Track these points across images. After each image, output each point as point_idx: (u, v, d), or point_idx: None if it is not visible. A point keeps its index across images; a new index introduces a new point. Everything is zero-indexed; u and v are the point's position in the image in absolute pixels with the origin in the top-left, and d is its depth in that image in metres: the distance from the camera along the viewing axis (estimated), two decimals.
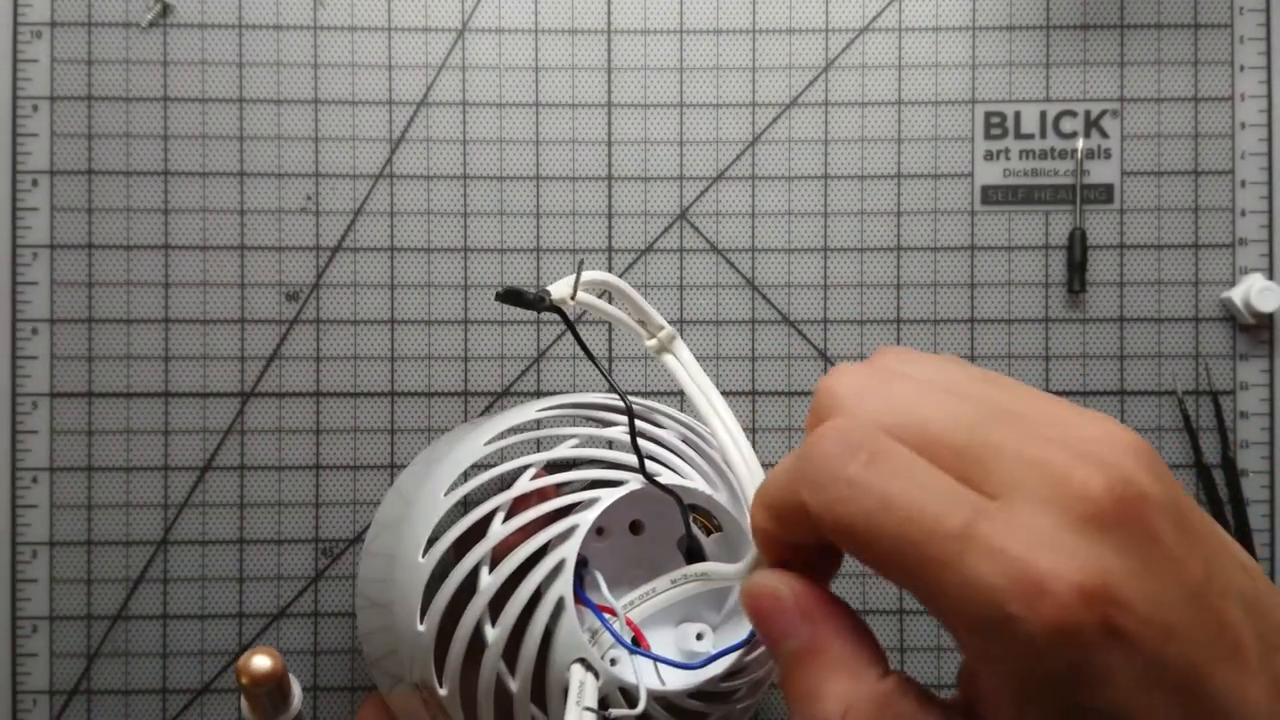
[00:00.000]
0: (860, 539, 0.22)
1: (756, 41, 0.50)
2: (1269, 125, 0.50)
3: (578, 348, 0.50)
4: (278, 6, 0.50)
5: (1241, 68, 0.50)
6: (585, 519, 0.35)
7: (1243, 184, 0.50)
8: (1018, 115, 0.50)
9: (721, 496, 0.37)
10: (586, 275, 0.32)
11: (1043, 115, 0.50)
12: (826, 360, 0.50)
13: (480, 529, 0.36)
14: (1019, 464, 0.22)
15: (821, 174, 0.50)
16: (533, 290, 0.30)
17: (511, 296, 0.30)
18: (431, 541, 0.37)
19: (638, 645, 0.35)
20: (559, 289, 0.31)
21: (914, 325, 0.50)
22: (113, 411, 0.49)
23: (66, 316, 0.49)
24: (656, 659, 0.35)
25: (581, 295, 0.32)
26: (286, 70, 0.50)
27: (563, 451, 0.38)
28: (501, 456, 0.41)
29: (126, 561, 0.49)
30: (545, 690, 0.35)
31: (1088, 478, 0.21)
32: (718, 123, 0.50)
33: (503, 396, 0.50)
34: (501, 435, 0.39)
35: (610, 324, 0.50)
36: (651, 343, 0.34)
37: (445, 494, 0.38)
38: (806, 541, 0.25)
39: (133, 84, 0.49)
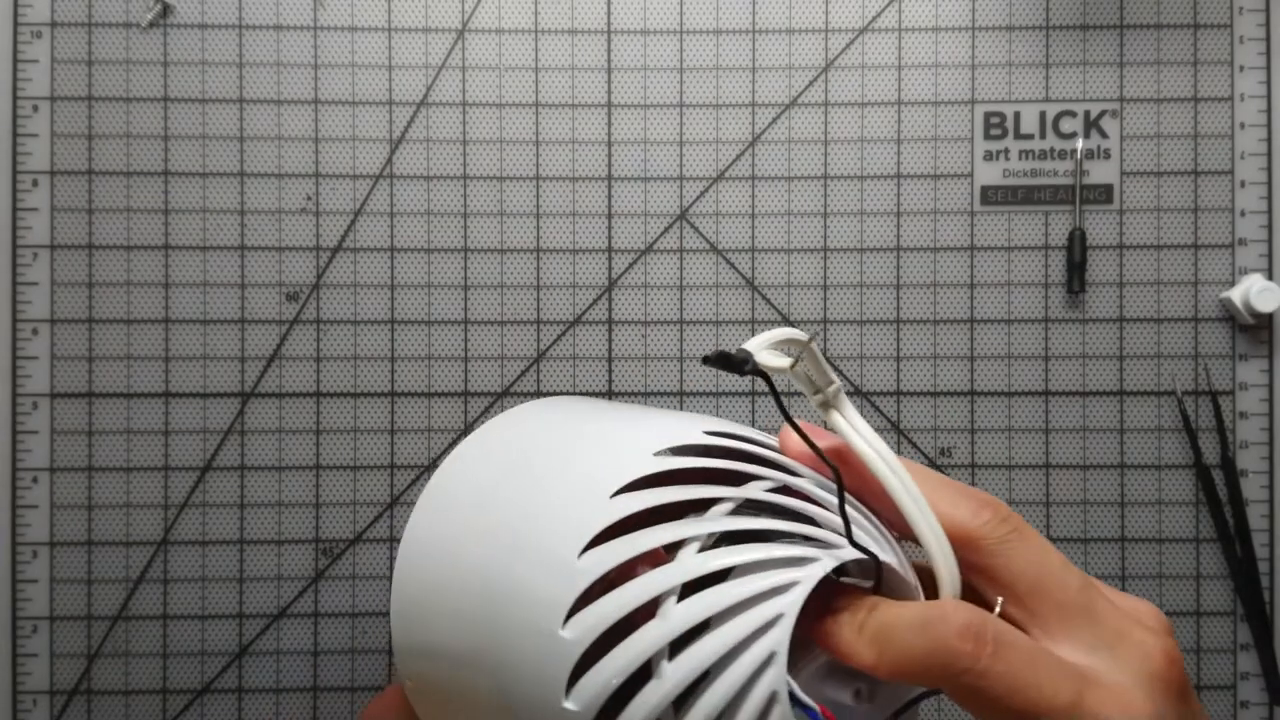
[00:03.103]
0: (986, 713, 0.27)
1: (756, 42, 0.50)
2: (1269, 125, 0.50)
3: (576, 348, 0.50)
4: (278, 7, 0.50)
5: (1241, 68, 0.50)
6: (793, 601, 0.28)
7: (1242, 184, 0.50)
8: (1017, 115, 0.50)
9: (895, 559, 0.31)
10: (777, 334, 0.30)
11: (1042, 115, 0.50)
12: (827, 360, 0.50)
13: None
14: (1110, 633, 0.28)
15: (821, 174, 0.50)
16: (736, 353, 0.30)
17: (720, 361, 0.29)
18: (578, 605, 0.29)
19: None
20: (763, 355, 0.30)
21: (914, 325, 0.50)
22: (113, 412, 0.49)
23: (67, 317, 0.49)
24: None
25: (770, 356, 0.30)
26: (286, 70, 0.50)
27: (757, 492, 0.30)
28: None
29: (127, 562, 0.49)
30: None
31: (1156, 651, 0.28)
32: (718, 123, 0.50)
33: (503, 397, 0.50)
34: (669, 451, 0.31)
35: (610, 325, 0.50)
36: (817, 398, 0.31)
37: (579, 557, 0.29)
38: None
39: (133, 84, 0.49)
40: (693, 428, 0.32)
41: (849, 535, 0.29)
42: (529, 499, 0.32)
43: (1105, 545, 0.50)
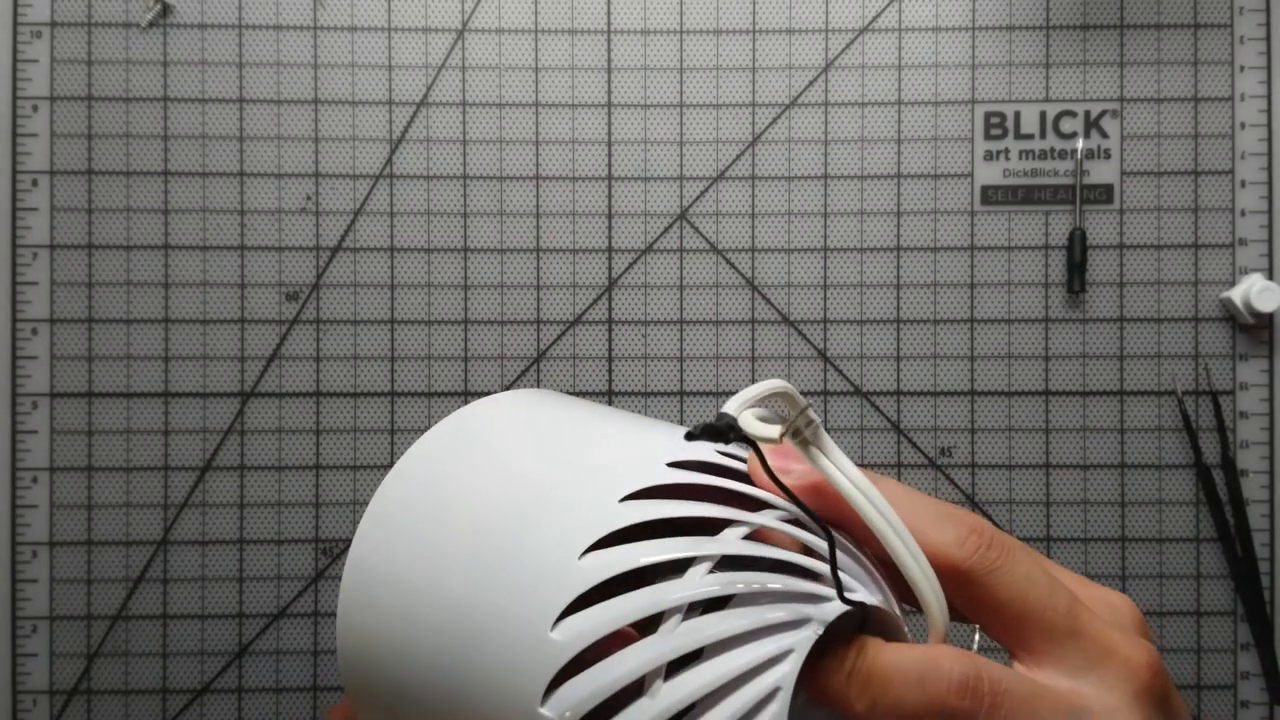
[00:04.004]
0: None
1: (756, 42, 0.50)
2: (1269, 125, 0.50)
3: (577, 348, 0.50)
4: (278, 7, 0.50)
5: (1241, 68, 0.50)
6: (788, 673, 0.27)
7: (1242, 184, 0.50)
8: (1017, 115, 0.50)
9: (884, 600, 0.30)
10: (758, 390, 0.28)
11: (1042, 115, 0.50)
12: (827, 360, 0.50)
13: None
14: (1097, 652, 0.28)
15: (821, 174, 0.50)
16: (718, 421, 0.27)
17: (705, 434, 0.27)
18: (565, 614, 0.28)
19: None
20: (748, 420, 0.27)
21: (914, 325, 0.50)
22: (113, 411, 0.49)
23: (66, 317, 0.49)
24: None
25: (755, 423, 0.27)
26: (286, 70, 0.50)
27: (736, 545, 0.28)
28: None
29: (126, 561, 0.49)
30: None
31: (1140, 666, 0.28)
32: (718, 123, 0.50)
33: None
34: (637, 495, 0.29)
35: (610, 325, 0.50)
36: (795, 437, 0.29)
37: (580, 558, 0.28)
38: None
39: (133, 84, 0.49)
40: (656, 458, 0.29)
41: (840, 593, 0.27)
42: (532, 492, 0.30)
43: (1105, 545, 0.50)
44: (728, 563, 0.28)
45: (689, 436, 0.27)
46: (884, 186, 0.50)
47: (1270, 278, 0.50)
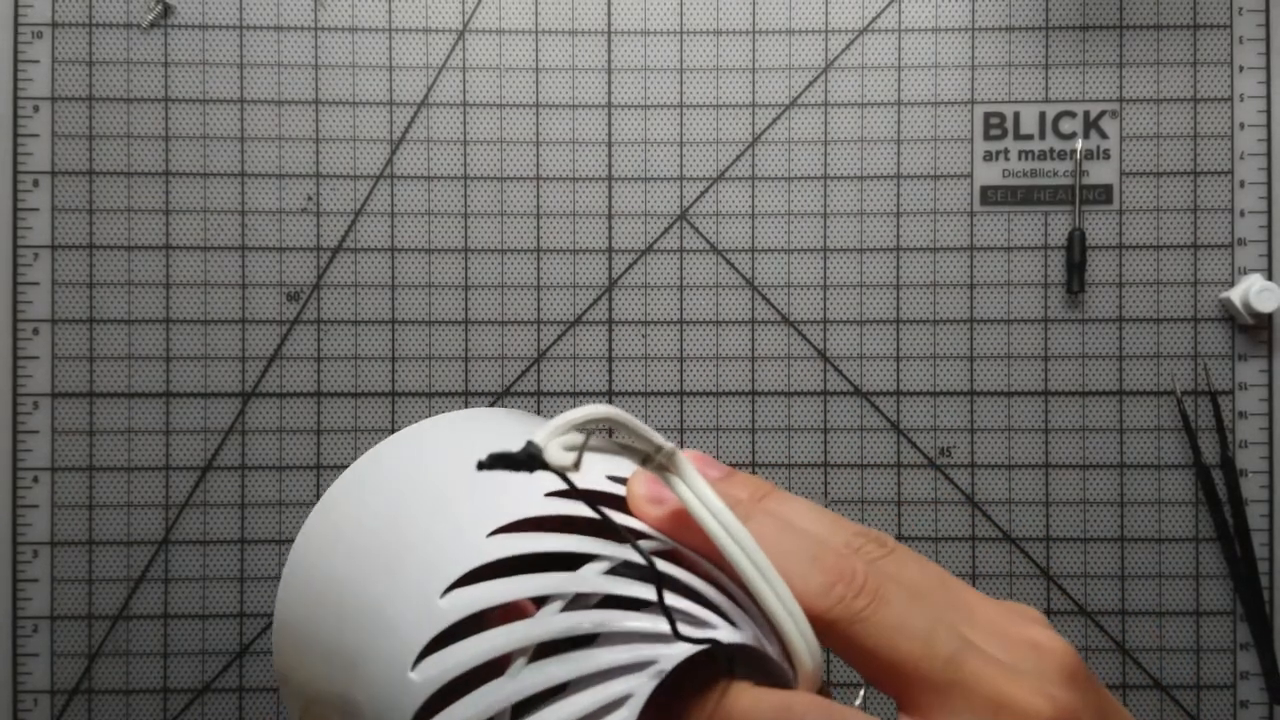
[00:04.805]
0: None
1: (756, 42, 0.50)
2: (1268, 125, 0.50)
3: (577, 348, 0.50)
4: (278, 7, 0.50)
5: (1241, 68, 0.50)
6: (628, 712, 0.26)
7: (1242, 184, 0.50)
8: (1017, 116, 0.50)
9: (751, 636, 0.29)
10: (575, 416, 0.26)
11: (1042, 116, 0.50)
12: (826, 360, 0.50)
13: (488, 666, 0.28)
14: (986, 706, 0.26)
15: (821, 174, 0.50)
16: (520, 451, 0.25)
17: (501, 463, 0.25)
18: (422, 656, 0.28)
19: None
20: (553, 449, 0.25)
21: (913, 325, 0.50)
22: (114, 411, 0.49)
23: (67, 317, 0.49)
24: None
25: (568, 452, 0.25)
26: (287, 71, 0.50)
27: (594, 582, 0.28)
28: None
29: (127, 561, 0.49)
30: None
31: (1039, 714, 0.25)
32: (718, 123, 0.50)
33: (503, 396, 0.50)
34: (508, 529, 0.29)
35: (610, 325, 0.50)
36: (649, 466, 0.28)
37: (442, 597, 0.28)
38: None
39: (134, 85, 0.49)
40: (536, 488, 0.29)
41: (674, 631, 0.26)
42: (407, 528, 0.30)
43: (1105, 545, 0.50)
44: (592, 598, 0.28)
45: (480, 466, 0.25)
46: (884, 187, 0.50)
47: (1269, 278, 0.50)
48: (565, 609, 0.27)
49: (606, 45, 0.50)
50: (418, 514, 0.31)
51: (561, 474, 0.25)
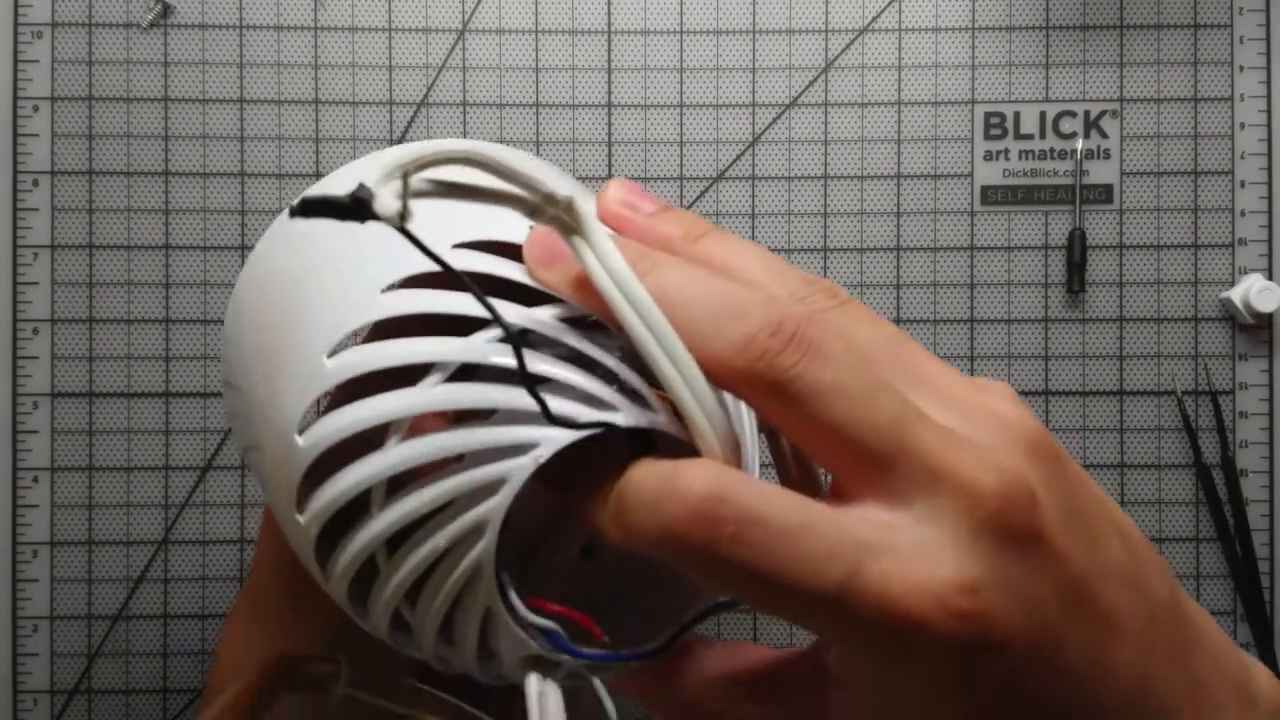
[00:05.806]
0: (746, 601, 0.22)
1: (756, 42, 0.50)
2: (1269, 125, 0.50)
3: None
4: (278, 7, 0.50)
5: (1241, 68, 0.50)
6: (502, 498, 0.24)
7: (1242, 184, 0.50)
8: (1017, 115, 0.50)
9: (661, 418, 0.25)
10: (428, 147, 0.22)
11: (1042, 115, 0.50)
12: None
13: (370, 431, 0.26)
14: (926, 476, 0.22)
15: (821, 174, 0.50)
16: (348, 195, 0.20)
17: (316, 208, 0.20)
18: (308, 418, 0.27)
19: (589, 640, 0.26)
20: (384, 194, 0.21)
21: (914, 325, 0.50)
22: (113, 411, 0.49)
23: (67, 317, 0.49)
24: (620, 658, 0.26)
25: (393, 198, 0.21)
26: (287, 71, 0.50)
27: (482, 350, 0.25)
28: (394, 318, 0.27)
29: (127, 561, 0.49)
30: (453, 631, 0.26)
31: (987, 491, 0.22)
32: (718, 123, 0.50)
33: None
34: (405, 283, 0.27)
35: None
36: (542, 220, 0.23)
37: (329, 357, 0.26)
38: None
39: (133, 84, 0.49)
40: (442, 238, 0.26)
41: (545, 413, 0.23)
42: (309, 283, 0.28)
43: None
44: (486, 371, 0.25)
45: (292, 212, 0.21)
46: (884, 187, 0.50)
47: (1270, 278, 0.50)
48: (470, 380, 0.25)
49: (606, 45, 0.50)
50: (322, 267, 0.28)
51: (400, 227, 0.21)
